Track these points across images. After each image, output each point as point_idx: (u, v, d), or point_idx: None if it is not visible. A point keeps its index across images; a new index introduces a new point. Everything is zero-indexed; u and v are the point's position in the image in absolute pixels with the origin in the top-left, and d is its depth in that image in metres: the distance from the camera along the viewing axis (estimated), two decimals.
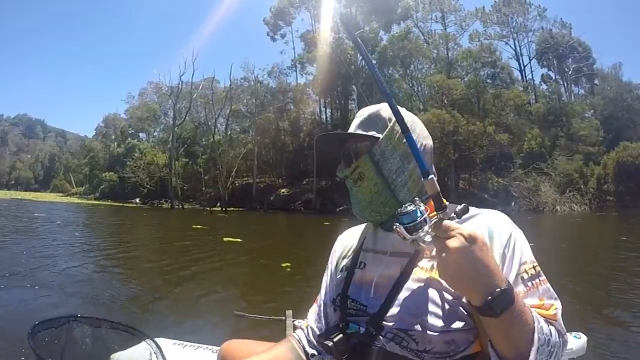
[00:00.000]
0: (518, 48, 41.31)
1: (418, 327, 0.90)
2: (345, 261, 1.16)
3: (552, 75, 43.61)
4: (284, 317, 1.88)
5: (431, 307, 0.91)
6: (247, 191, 37.98)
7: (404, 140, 0.98)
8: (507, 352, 0.80)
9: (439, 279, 0.88)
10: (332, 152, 1.15)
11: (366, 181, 1.03)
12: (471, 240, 0.76)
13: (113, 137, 51.04)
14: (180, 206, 36.41)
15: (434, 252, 0.83)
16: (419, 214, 0.81)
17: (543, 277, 0.92)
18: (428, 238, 0.81)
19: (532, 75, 43.06)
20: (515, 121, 34.88)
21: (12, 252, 8.78)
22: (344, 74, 37.23)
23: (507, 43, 41.30)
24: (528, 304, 0.83)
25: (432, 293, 0.92)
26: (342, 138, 1.11)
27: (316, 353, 1.15)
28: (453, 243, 0.75)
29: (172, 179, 38.45)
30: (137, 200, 41.66)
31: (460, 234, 0.76)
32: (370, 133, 1.05)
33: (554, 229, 17.35)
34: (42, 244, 10.14)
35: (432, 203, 0.83)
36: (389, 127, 1.04)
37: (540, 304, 0.88)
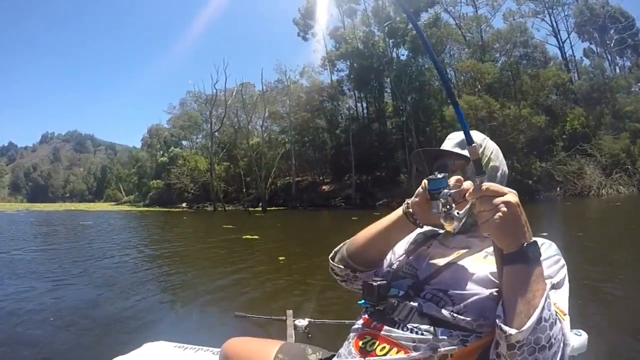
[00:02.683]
0: (554, 24, 39.47)
1: (458, 290, 1.00)
2: (412, 245, 1.27)
3: (595, 49, 41.51)
4: (284, 317, 1.88)
5: (477, 280, 1.00)
6: (288, 190, 38.77)
7: (490, 164, 1.18)
8: (515, 307, 0.84)
9: (491, 266, 0.99)
10: (422, 166, 1.23)
11: None
12: (516, 195, 0.86)
13: (158, 146, 52.98)
14: (223, 208, 37.76)
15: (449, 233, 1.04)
16: (444, 183, 0.93)
17: (564, 298, 0.97)
18: (456, 212, 0.91)
19: (573, 51, 40.97)
20: (555, 101, 33.33)
21: (49, 253, 9.80)
22: (376, 67, 37.15)
23: (543, 19, 39.57)
24: None
25: (482, 273, 1.01)
26: (436, 154, 1.23)
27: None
28: (512, 198, 0.84)
29: (213, 183, 39.84)
30: (184, 204, 43.20)
31: (511, 191, 0.85)
32: (465, 153, 1.14)
33: (581, 216, 16.47)
34: (77, 247, 11.36)
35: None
36: (481, 151, 1.18)
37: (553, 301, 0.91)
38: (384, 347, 0.98)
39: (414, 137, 32.72)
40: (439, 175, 0.95)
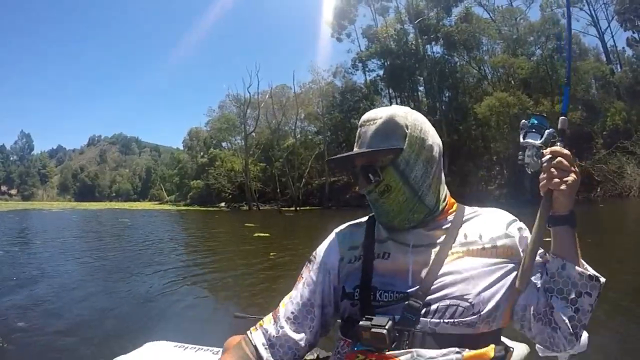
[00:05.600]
0: (593, 13, 37.44)
1: (472, 289, 0.92)
2: (355, 252, 1.09)
3: (638, 37, 39.12)
4: None
5: (480, 274, 0.95)
6: (323, 191, 39.24)
7: (425, 145, 1.03)
8: (573, 258, 0.96)
9: (479, 257, 0.98)
10: (347, 169, 1.17)
11: (394, 192, 1.02)
12: None
13: (198, 148, 54.44)
14: (257, 208, 39.02)
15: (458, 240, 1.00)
16: (548, 127, 1.00)
17: None
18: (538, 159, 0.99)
19: (614, 40, 38.76)
20: (594, 96, 31.88)
21: (65, 248, 10.65)
22: (409, 65, 36.88)
23: (581, 9, 37.61)
24: None
25: (478, 265, 0.96)
26: (361, 156, 1.06)
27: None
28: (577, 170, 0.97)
29: (247, 183, 41.00)
30: (222, 204, 44.36)
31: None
32: (391, 145, 1.01)
33: (606, 219, 15.60)
34: (98, 242, 12.32)
35: None
36: (408, 134, 1.02)
37: None
38: None
39: (446, 136, 32.29)
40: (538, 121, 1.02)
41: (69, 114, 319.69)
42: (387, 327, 0.87)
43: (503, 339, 1.41)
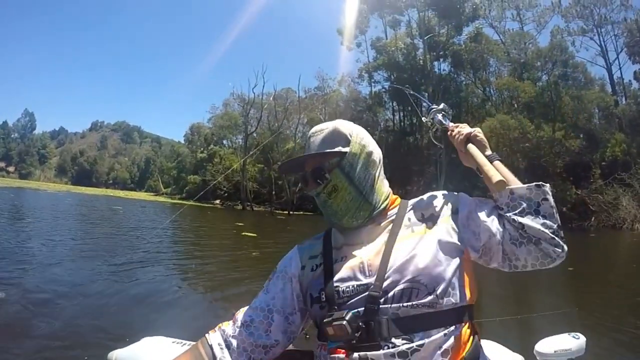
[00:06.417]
0: (603, 43, 36.94)
1: (423, 268, 0.98)
2: (316, 260, 1.16)
3: None
4: None
5: (429, 252, 1.01)
6: None
7: (365, 150, 1.15)
8: (515, 182, 1.10)
9: (424, 236, 1.06)
10: (296, 173, 1.24)
11: (341, 192, 1.12)
12: None
13: (198, 143, 54.49)
14: (251, 208, 39.13)
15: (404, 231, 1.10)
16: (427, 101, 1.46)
17: None
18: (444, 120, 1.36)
19: (621, 73, 38.63)
20: (596, 125, 31.85)
21: (54, 234, 10.48)
22: (414, 80, 36.93)
23: (591, 38, 37.49)
24: None
25: (426, 244, 1.03)
26: (305, 160, 1.18)
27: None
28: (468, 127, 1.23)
29: (243, 183, 41.07)
30: (217, 201, 44.37)
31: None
32: (337, 149, 1.13)
33: (594, 249, 15.64)
34: (88, 230, 12.44)
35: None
36: (351, 141, 1.14)
37: None
38: None
39: (444, 153, 32.32)
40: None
41: (75, 97, 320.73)
42: (346, 318, 0.95)
43: (502, 348, 1.64)
